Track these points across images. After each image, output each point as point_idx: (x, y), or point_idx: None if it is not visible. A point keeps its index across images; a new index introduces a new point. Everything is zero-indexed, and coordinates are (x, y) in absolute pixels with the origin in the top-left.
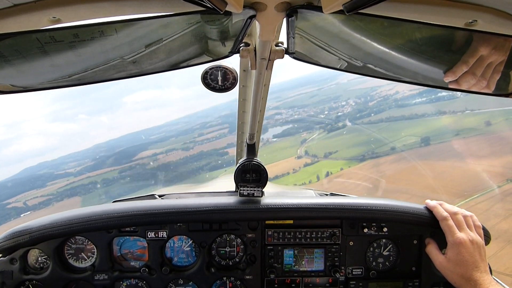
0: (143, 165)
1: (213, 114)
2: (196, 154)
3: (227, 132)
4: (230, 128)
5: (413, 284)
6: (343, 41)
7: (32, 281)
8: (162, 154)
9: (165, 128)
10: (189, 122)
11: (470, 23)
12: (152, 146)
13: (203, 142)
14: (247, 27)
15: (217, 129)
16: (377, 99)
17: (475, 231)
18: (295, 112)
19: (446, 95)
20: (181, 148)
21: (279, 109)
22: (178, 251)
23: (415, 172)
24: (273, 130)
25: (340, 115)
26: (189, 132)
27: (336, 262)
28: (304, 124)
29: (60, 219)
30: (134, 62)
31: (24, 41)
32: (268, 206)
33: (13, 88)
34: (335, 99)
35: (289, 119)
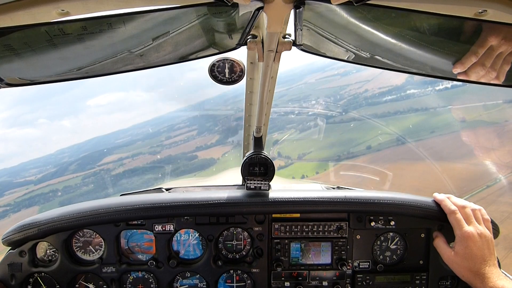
0: (108, 170)
1: (181, 116)
2: (164, 158)
3: (195, 135)
4: (199, 130)
5: (421, 278)
6: (350, 32)
7: (41, 273)
8: (129, 159)
9: (131, 132)
10: (156, 125)
11: (480, 13)
12: (118, 150)
13: (171, 146)
14: (254, 19)
15: (185, 131)
16: (347, 97)
17: (483, 225)
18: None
19: (417, 92)
20: (148, 152)
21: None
22: (185, 244)
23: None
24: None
25: (311, 114)
26: (157, 135)
27: (343, 256)
28: (275, 124)
29: (68, 212)
30: (142, 55)
31: (33, 34)
32: (275, 200)
33: (21, 81)
34: (305, 98)
35: None
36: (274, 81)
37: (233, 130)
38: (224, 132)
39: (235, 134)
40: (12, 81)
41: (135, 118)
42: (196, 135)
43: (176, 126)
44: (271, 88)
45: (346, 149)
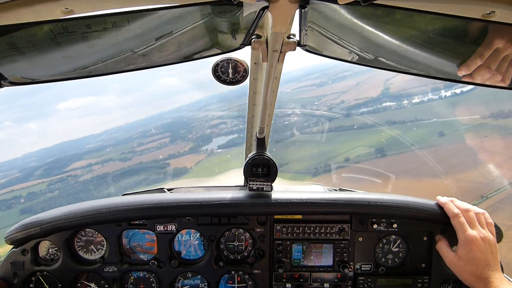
0: (75, 176)
1: (155, 122)
2: (135, 166)
3: (168, 142)
4: (172, 137)
5: (423, 281)
6: (355, 33)
7: (43, 272)
8: (98, 165)
9: (103, 137)
10: (129, 131)
11: (488, 14)
12: (87, 155)
13: (142, 153)
14: (259, 18)
15: (158, 138)
16: (323, 108)
17: (487, 229)
18: (241, 122)
19: (393, 104)
20: (118, 158)
21: (224, 119)
22: (187, 245)
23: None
24: (218, 140)
25: (287, 123)
26: (128, 141)
27: (345, 258)
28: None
29: (70, 212)
30: (144, 55)
31: (37, 32)
32: (277, 201)
33: (24, 79)
34: (280, 107)
35: (234, 129)
36: (278, 81)
37: (206, 138)
38: (198, 140)
39: (209, 142)
40: (15, 79)
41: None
42: (169, 142)
43: (149, 132)
44: (275, 88)
45: (323, 161)
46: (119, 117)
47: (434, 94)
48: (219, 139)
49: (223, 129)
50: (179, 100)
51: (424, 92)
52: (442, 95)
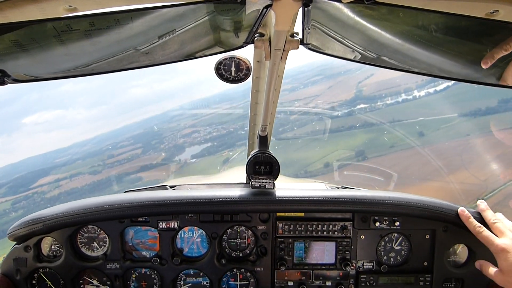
0: (42, 193)
1: (125, 134)
2: (104, 179)
3: (140, 153)
4: (144, 148)
5: (425, 280)
6: (358, 32)
7: (45, 269)
8: (66, 180)
9: (71, 150)
10: (98, 143)
11: (491, 13)
12: (55, 170)
13: (113, 165)
14: (262, 16)
15: (129, 149)
16: (297, 113)
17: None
18: (214, 130)
19: (368, 106)
20: (88, 172)
21: (196, 127)
22: (189, 242)
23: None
24: (191, 150)
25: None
26: (98, 153)
27: (347, 256)
28: (225, 142)
29: (73, 208)
30: (147, 53)
31: (40, 30)
32: (279, 198)
33: (27, 77)
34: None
35: (208, 137)
36: (280, 80)
37: (180, 148)
38: (171, 150)
39: (181, 152)
40: (18, 77)
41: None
42: (141, 154)
43: (120, 144)
44: (277, 87)
45: (302, 167)
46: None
47: (407, 95)
48: (192, 148)
49: (196, 138)
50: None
51: (397, 93)
52: (416, 95)
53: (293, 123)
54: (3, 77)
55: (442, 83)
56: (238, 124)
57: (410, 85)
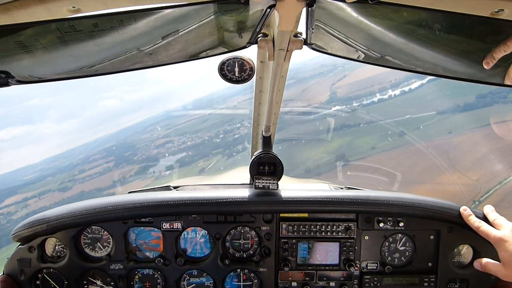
0: (8, 214)
1: (98, 147)
2: (75, 196)
3: (112, 166)
4: (116, 161)
5: (429, 280)
6: (361, 32)
7: (49, 269)
8: (34, 199)
9: (42, 166)
10: (69, 157)
11: (496, 12)
12: (23, 189)
13: (84, 180)
14: (266, 17)
15: (101, 163)
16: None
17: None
18: (188, 139)
19: (343, 108)
20: (57, 189)
21: (170, 137)
22: (192, 243)
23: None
24: (165, 161)
25: (237, 137)
26: (69, 168)
27: (351, 256)
28: (200, 151)
29: (77, 209)
30: (151, 53)
31: (44, 31)
32: (283, 199)
33: (30, 78)
34: (229, 121)
35: (182, 147)
36: (284, 80)
37: (153, 159)
38: (144, 161)
39: (156, 163)
40: (22, 78)
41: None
42: (113, 167)
43: (92, 157)
44: (281, 87)
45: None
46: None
47: (382, 94)
48: (166, 159)
49: (170, 148)
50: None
51: (372, 93)
52: (391, 94)
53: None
54: (7, 78)
55: (415, 81)
56: (213, 132)
57: (384, 84)
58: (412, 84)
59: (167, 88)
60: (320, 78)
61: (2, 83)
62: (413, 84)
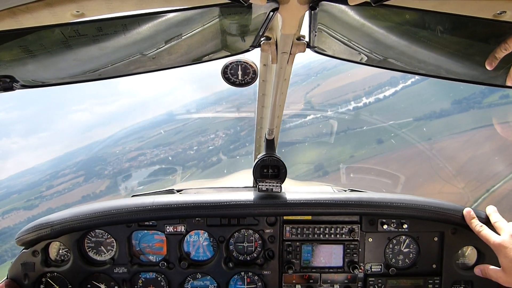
0: None
1: (67, 161)
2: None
3: (82, 181)
4: (86, 175)
5: (434, 282)
6: (364, 35)
7: (53, 273)
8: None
9: (8, 183)
10: (38, 173)
11: (499, 14)
12: None
13: (52, 197)
14: (269, 20)
15: (70, 178)
16: (247, 128)
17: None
18: (161, 151)
19: (319, 116)
20: (23, 207)
21: (143, 150)
22: (196, 246)
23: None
24: (138, 175)
25: (211, 148)
26: (37, 185)
27: (355, 259)
28: (173, 164)
29: (80, 213)
30: (154, 57)
31: (49, 35)
32: (286, 202)
33: (34, 82)
34: (203, 132)
35: (155, 159)
36: (287, 83)
37: (125, 173)
38: (115, 175)
39: (128, 177)
40: (27, 82)
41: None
42: (83, 182)
43: (61, 172)
44: (284, 90)
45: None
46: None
47: (357, 102)
48: (139, 173)
49: (143, 161)
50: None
51: (347, 101)
52: (366, 102)
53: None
54: (12, 83)
55: (389, 89)
56: (187, 144)
57: (358, 92)
58: (386, 91)
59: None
60: (294, 87)
61: (6, 87)
62: (387, 91)
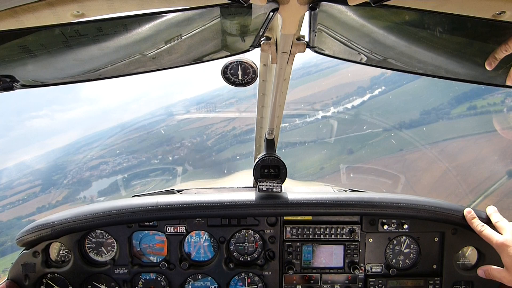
0: None
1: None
2: None
3: (38, 191)
4: (44, 185)
5: (434, 283)
6: (364, 35)
7: (53, 274)
8: None
9: None
10: None
11: (498, 14)
12: None
13: (4, 209)
14: (269, 20)
15: (25, 188)
16: (214, 137)
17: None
18: (124, 160)
19: (287, 125)
20: None
21: (105, 158)
22: (197, 246)
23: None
24: (98, 184)
25: (177, 158)
26: None
27: (356, 259)
28: (136, 174)
29: (81, 213)
30: (154, 57)
31: (49, 35)
32: (287, 202)
33: (34, 82)
34: (168, 141)
35: (117, 168)
36: (287, 83)
37: (85, 183)
38: (75, 185)
39: (88, 187)
40: (27, 82)
41: None
42: (39, 192)
43: (16, 181)
44: (284, 90)
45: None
46: None
47: (325, 112)
48: (99, 182)
49: (105, 170)
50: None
51: (315, 110)
52: (334, 111)
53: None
54: (12, 83)
55: (356, 99)
56: (151, 153)
57: (326, 101)
58: (354, 101)
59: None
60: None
61: (7, 87)
62: (355, 101)
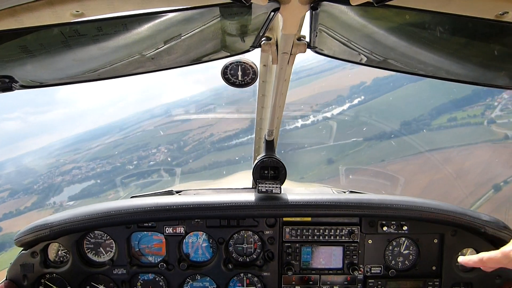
0: None
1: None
2: None
3: (6, 196)
4: (12, 190)
5: (433, 284)
6: (365, 35)
7: (52, 275)
8: None
9: None
10: None
11: (501, 15)
12: None
13: None
14: (269, 20)
15: None
16: (191, 143)
17: None
18: (98, 165)
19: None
20: None
21: (78, 163)
22: (195, 247)
23: None
24: (70, 190)
25: (153, 164)
26: None
27: (355, 260)
28: (110, 179)
29: (80, 214)
30: (153, 58)
31: (48, 35)
32: (286, 203)
33: (33, 83)
34: (144, 147)
35: (91, 174)
36: (287, 84)
37: (56, 188)
38: (45, 191)
39: (59, 192)
40: (26, 83)
41: None
42: (7, 197)
43: None
44: (284, 91)
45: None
46: None
47: (304, 120)
48: (71, 187)
49: (77, 175)
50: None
51: (294, 118)
52: (314, 120)
53: (189, 155)
54: (11, 83)
55: (336, 108)
56: (126, 158)
57: (306, 110)
58: (335, 110)
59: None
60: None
61: (5, 87)
62: (335, 110)
